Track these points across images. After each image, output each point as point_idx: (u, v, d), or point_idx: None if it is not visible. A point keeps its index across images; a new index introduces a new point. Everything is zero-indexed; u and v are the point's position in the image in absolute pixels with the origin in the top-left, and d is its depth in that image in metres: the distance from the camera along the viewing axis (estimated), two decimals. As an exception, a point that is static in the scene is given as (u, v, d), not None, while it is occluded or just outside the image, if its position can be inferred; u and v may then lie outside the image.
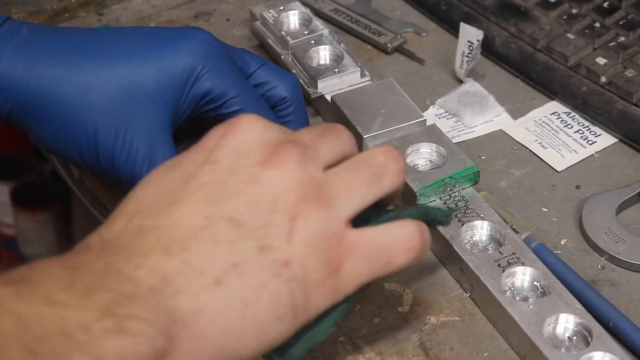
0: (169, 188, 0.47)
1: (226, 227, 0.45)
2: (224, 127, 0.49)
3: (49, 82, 0.59)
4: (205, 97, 0.61)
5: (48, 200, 1.43)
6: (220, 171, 0.47)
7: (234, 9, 0.84)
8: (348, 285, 0.48)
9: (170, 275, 0.44)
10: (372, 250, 0.48)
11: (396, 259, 0.49)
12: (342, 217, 0.48)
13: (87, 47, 0.61)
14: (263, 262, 0.45)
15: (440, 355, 0.57)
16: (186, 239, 0.45)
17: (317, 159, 0.48)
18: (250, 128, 0.49)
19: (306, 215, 0.46)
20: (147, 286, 0.44)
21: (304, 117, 0.66)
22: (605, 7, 0.78)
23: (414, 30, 0.81)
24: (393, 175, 0.50)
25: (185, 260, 0.45)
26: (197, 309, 0.44)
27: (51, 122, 0.60)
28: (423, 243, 0.50)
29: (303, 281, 0.46)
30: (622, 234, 0.63)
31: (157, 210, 0.46)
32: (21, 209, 1.43)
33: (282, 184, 0.47)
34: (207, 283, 0.44)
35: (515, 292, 0.58)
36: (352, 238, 0.48)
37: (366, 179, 0.49)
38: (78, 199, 0.79)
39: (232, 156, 0.47)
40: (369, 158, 0.50)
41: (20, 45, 0.60)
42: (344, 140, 0.52)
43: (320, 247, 0.46)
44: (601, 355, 0.54)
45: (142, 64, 0.60)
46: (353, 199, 0.48)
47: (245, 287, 0.45)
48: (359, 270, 0.48)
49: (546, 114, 0.74)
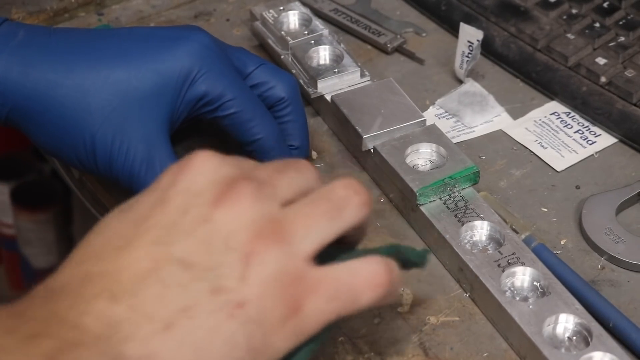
0: (118, 232, 0.45)
1: (176, 269, 0.43)
2: (177, 166, 0.47)
3: (45, 86, 0.59)
4: (201, 100, 0.61)
5: (48, 200, 1.43)
6: (171, 212, 0.45)
7: (234, 9, 0.84)
8: (311, 326, 0.45)
9: (117, 322, 0.42)
10: (335, 287, 0.45)
11: (361, 297, 0.46)
12: (301, 254, 0.45)
13: (84, 50, 0.60)
14: (215, 305, 0.43)
15: (440, 355, 0.57)
16: (133, 284, 0.43)
17: (273, 195, 0.46)
18: (203, 166, 0.46)
19: (261, 253, 0.44)
20: (93, 333, 0.41)
21: (302, 118, 0.66)
22: (605, 7, 0.78)
23: (414, 30, 0.81)
24: (355, 208, 0.47)
25: (132, 305, 0.42)
26: (147, 355, 0.41)
27: (48, 125, 0.60)
28: (390, 280, 0.47)
29: (260, 323, 0.43)
30: (622, 234, 0.63)
31: (105, 256, 0.44)
32: (21, 209, 1.43)
33: (235, 222, 0.44)
34: (156, 328, 0.42)
35: (515, 292, 0.58)
36: (313, 276, 0.45)
37: (326, 213, 0.46)
38: (78, 199, 0.79)
39: (184, 196, 0.45)
40: (329, 192, 0.47)
41: (17, 48, 0.60)
42: (305, 176, 0.49)
43: (277, 286, 0.44)
44: (601, 355, 0.54)
45: (138, 67, 0.60)
46: (312, 235, 0.45)
47: (197, 331, 0.42)
48: (322, 310, 0.45)
49: (546, 114, 0.74)
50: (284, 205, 0.46)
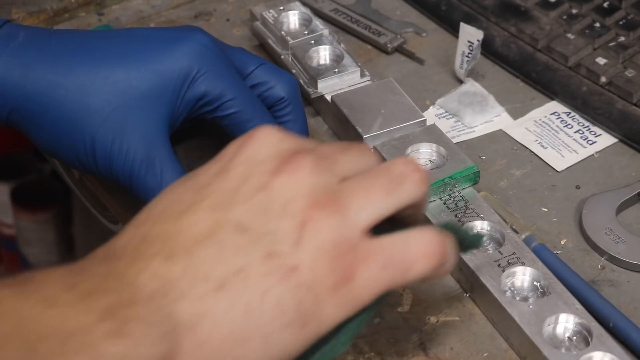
0: (180, 197, 0.47)
1: (233, 232, 0.45)
2: (242, 138, 0.48)
3: (45, 87, 0.59)
4: (201, 100, 0.61)
5: (48, 200, 1.43)
6: (231, 179, 0.46)
7: (234, 9, 0.84)
8: (364, 294, 0.45)
9: (172, 280, 0.43)
10: (388, 256, 0.46)
11: (414, 266, 0.46)
12: (357, 226, 0.46)
13: (83, 51, 0.61)
14: (269, 268, 0.44)
15: (440, 355, 0.57)
16: (191, 244, 0.44)
17: (332, 169, 0.47)
18: (267, 138, 0.48)
19: (316, 221, 0.45)
20: (149, 290, 0.43)
21: (302, 118, 0.66)
22: (605, 7, 0.78)
23: (414, 30, 0.81)
24: (413, 183, 0.48)
25: (188, 264, 0.44)
26: (200, 313, 0.43)
27: (48, 126, 0.60)
28: (444, 251, 0.47)
29: (312, 288, 0.44)
30: (622, 234, 0.63)
31: (164, 218, 0.46)
32: (21, 209, 1.43)
33: (293, 191, 0.45)
34: (210, 288, 0.43)
35: (515, 292, 0.58)
36: (366, 246, 0.46)
37: (383, 187, 0.47)
38: (78, 199, 0.79)
39: (246, 165, 0.47)
40: (388, 168, 0.48)
41: (17, 50, 0.60)
42: (366, 157, 0.50)
43: (330, 254, 0.45)
44: (601, 355, 0.54)
45: (137, 67, 0.60)
46: (369, 208, 0.46)
47: (249, 292, 0.43)
48: (375, 278, 0.45)
49: (546, 114, 0.74)
50: (342, 180, 0.47)
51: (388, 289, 0.46)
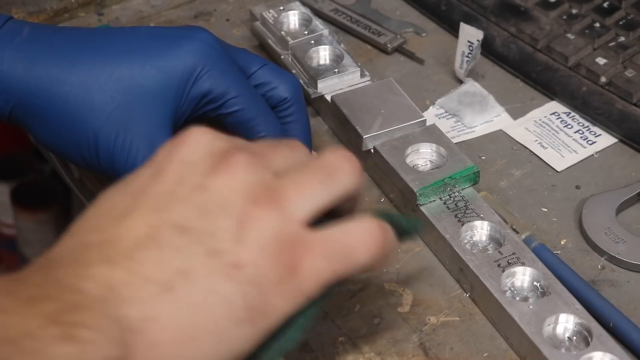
0: (116, 204, 0.46)
1: (173, 234, 0.44)
2: (172, 141, 0.48)
3: (49, 83, 0.59)
4: (205, 98, 0.61)
5: (48, 200, 1.43)
6: (166, 182, 0.46)
7: (234, 9, 0.84)
8: (309, 286, 0.46)
9: (117, 285, 0.43)
10: (331, 247, 0.46)
11: (356, 256, 0.47)
12: (296, 218, 0.46)
13: (88, 47, 0.61)
14: (212, 267, 0.44)
15: (440, 355, 0.57)
16: (131, 249, 0.44)
17: (266, 165, 0.47)
18: (198, 139, 0.48)
19: (256, 217, 0.45)
20: (94, 295, 0.42)
21: (305, 118, 0.66)
22: (605, 7, 0.78)
23: (414, 30, 0.81)
24: (346, 174, 0.48)
25: (130, 269, 0.43)
26: (147, 317, 0.42)
27: (52, 122, 0.60)
28: (384, 238, 0.48)
29: (258, 283, 0.44)
30: (622, 234, 0.63)
31: (103, 226, 0.45)
32: (21, 209, 1.43)
33: (230, 189, 0.45)
34: (154, 291, 0.43)
35: (515, 292, 0.58)
36: (308, 237, 0.46)
37: (318, 180, 0.47)
38: (78, 199, 0.79)
39: (179, 167, 0.46)
40: (321, 161, 0.49)
41: (21, 45, 0.60)
42: (297, 152, 0.50)
43: (273, 248, 0.45)
44: (601, 355, 0.54)
45: (142, 64, 0.60)
46: (306, 200, 0.46)
47: (195, 292, 0.43)
48: (319, 269, 0.46)
49: (546, 114, 0.74)
50: (277, 175, 0.47)
51: (332, 280, 0.47)
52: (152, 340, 0.42)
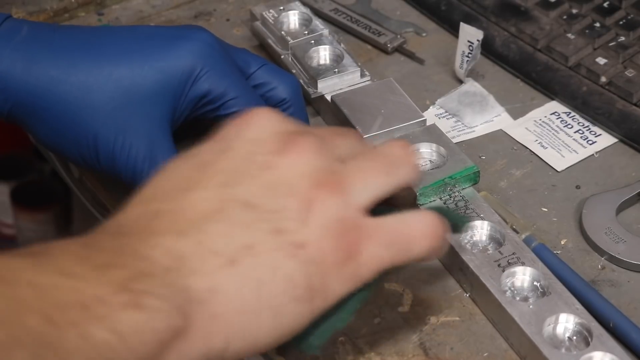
0: (185, 175, 0.47)
1: (241, 210, 0.46)
2: (241, 118, 0.50)
3: (48, 82, 0.59)
4: (204, 98, 0.61)
5: (48, 200, 1.43)
6: (236, 158, 0.47)
7: (234, 9, 0.84)
8: (367, 271, 0.47)
9: (184, 255, 0.44)
10: (391, 235, 0.48)
11: (415, 246, 0.49)
12: (358, 205, 0.48)
13: (87, 47, 0.61)
14: (278, 244, 0.45)
15: (440, 355, 0.57)
16: (200, 221, 0.45)
17: (333, 150, 0.49)
18: (267, 119, 0.49)
19: (322, 200, 0.46)
20: (162, 265, 0.44)
21: (304, 119, 0.66)
22: (605, 7, 0.78)
23: (414, 30, 0.81)
24: (409, 167, 0.50)
25: (199, 241, 0.45)
26: (212, 288, 0.44)
27: (51, 122, 0.60)
28: (441, 232, 0.50)
29: (319, 264, 0.46)
30: (622, 234, 0.63)
31: (172, 195, 0.46)
32: (21, 209, 1.43)
33: (298, 171, 0.47)
34: (221, 263, 0.44)
35: (515, 292, 0.58)
36: (369, 224, 0.48)
37: (382, 168, 0.49)
38: (78, 199, 0.79)
39: (249, 145, 0.48)
40: (386, 149, 0.51)
41: (20, 44, 0.60)
42: (362, 142, 0.52)
43: (336, 231, 0.46)
44: (601, 355, 0.54)
45: (141, 64, 0.60)
46: (369, 188, 0.48)
47: (260, 267, 0.45)
48: (378, 256, 0.48)
49: (546, 114, 0.74)
50: (343, 161, 0.49)
51: (389, 266, 0.48)
52: (214, 312, 0.44)
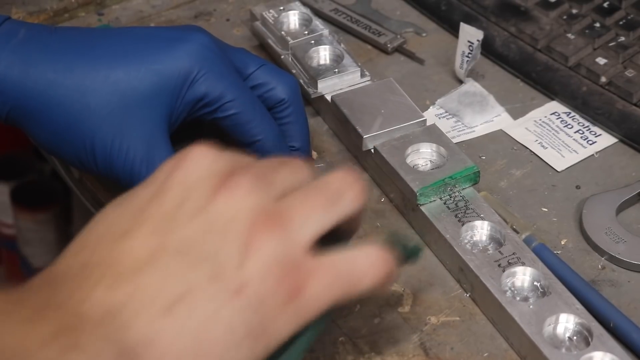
0: (116, 223, 0.46)
1: (175, 256, 0.44)
2: (174, 160, 0.47)
3: (45, 86, 0.59)
4: (201, 101, 0.61)
5: (48, 200, 1.43)
6: (168, 202, 0.45)
7: (234, 9, 0.84)
8: (312, 309, 0.45)
9: (116, 309, 0.42)
10: (335, 273, 0.46)
11: (361, 282, 0.47)
12: (298, 242, 0.45)
13: (84, 49, 0.61)
14: (214, 291, 0.43)
15: (440, 355, 0.57)
16: (133, 271, 0.43)
17: (269, 187, 0.47)
18: (200, 159, 0.47)
19: (259, 241, 0.44)
20: (93, 319, 0.42)
21: (303, 119, 0.66)
22: (605, 7, 0.78)
23: (414, 30, 0.81)
24: (351, 197, 0.48)
25: (131, 292, 0.43)
26: (147, 341, 0.42)
27: (48, 125, 0.60)
28: (389, 266, 0.48)
29: (259, 308, 0.44)
30: (622, 234, 0.63)
31: (103, 246, 0.45)
32: (21, 209, 1.43)
33: (232, 212, 0.45)
34: (155, 314, 0.42)
35: (516, 292, 0.58)
36: (312, 262, 0.46)
37: (322, 202, 0.47)
38: (78, 199, 0.79)
39: (181, 187, 0.46)
40: (325, 182, 0.48)
41: (18, 47, 0.60)
42: (299, 174, 0.49)
43: (276, 271, 0.44)
44: (601, 355, 0.54)
45: (138, 67, 0.60)
46: (309, 224, 0.46)
47: (197, 316, 0.43)
48: (323, 294, 0.46)
49: (546, 114, 0.74)
50: (281, 198, 0.47)
51: (334, 304, 0.46)
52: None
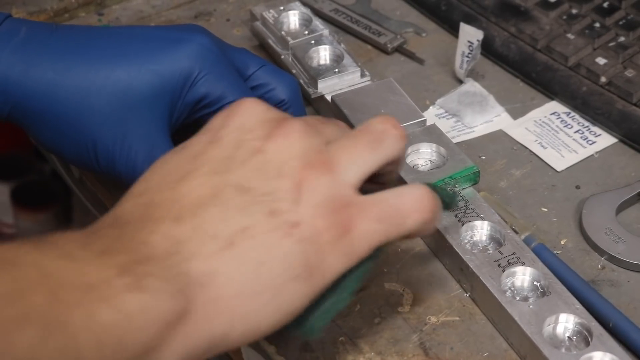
0: (176, 167, 0.49)
1: (234, 194, 0.47)
2: (227, 109, 0.51)
3: (46, 86, 0.59)
4: (201, 102, 0.61)
5: (48, 200, 1.43)
6: (225, 146, 0.49)
7: (234, 9, 0.84)
8: (362, 246, 0.48)
9: (182, 240, 0.45)
10: (383, 209, 0.49)
11: (408, 219, 0.50)
12: (347, 182, 0.49)
13: (84, 49, 0.61)
14: (273, 224, 0.46)
15: (440, 355, 0.57)
16: (195, 207, 0.46)
17: (318, 134, 0.50)
18: (253, 108, 0.50)
19: (312, 180, 0.48)
20: (161, 250, 0.45)
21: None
22: (605, 7, 0.78)
23: (414, 30, 0.81)
24: (393, 139, 0.51)
25: (196, 225, 0.46)
26: (211, 271, 0.45)
27: (49, 125, 0.60)
28: (434, 205, 0.51)
29: (315, 241, 0.47)
30: (622, 234, 0.63)
31: (165, 186, 0.47)
32: (21, 209, 1.43)
33: (286, 153, 0.48)
34: (218, 246, 0.45)
35: (515, 292, 0.58)
36: (361, 200, 0.49)
37: (367, 145, 0.50)
38: (78, 199, 0.79)
39: (236, 133, 0.49)
40: (368, 126, 0.51)
41: (18, 47, 0.60)
42: (346, 128, 0.54)
43: (328, 208, 0.47)
44: (601, 355, 0.54)
45: (138, 67, 0.60)
46: (356, 165, 0.49)
47: (257, 248, 0.46)
48: (372, 230, 0.49)
49: (546, 114, 0.74)
50: (328, 142, 0.50)
51: (384, 241, 0.49)
52: (214, 295, 0.45)
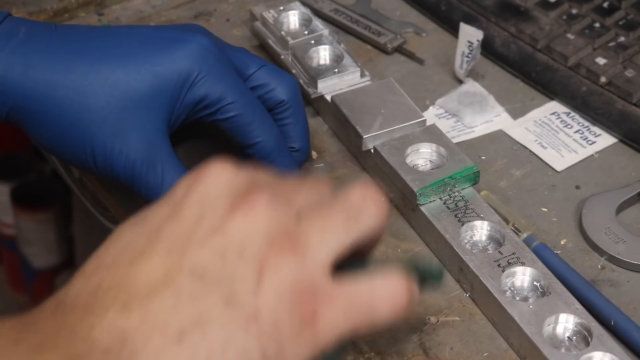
0: (131, 243, 0.44)
1: (188, 281, 0.42)
2: (190, 177, 0.46)
3: (45, 86, 0.59)
4: (200, 103, 0.61)
5: (48, 200, 1.43)
6: (184, 222, 0.44)
7: (234, 9, 0.84)
8: (327, 338, 0.43)
9: (127, 334, 0.41)
10: (352, 301, 0.44)
11: (378, 313, 0.45)
12: (316, 265, 0.43)
13: (84, 50, 0.60)
14: (228, 316, 0.42)
15: (440, 355, 0.57)
16: (146, 293, 0.42)
17: (287, 205, 0.45)
18: (217, 176, 0.45)
19: (275, 264, 0.42)
20: (102, 347, 0.40)
21: (303, 120, 0.66)
22: (605, 7, 0.78)
23: (414, 30, 0.81)
24: (371, 216, 0.46)
25: (144, 316, 0.41)
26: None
27: (48, 125, 0.60)
28: (409, 296, 0.46)
29: (274, 335, 0.42)
30: (622, 234, 0.63)
31: (117, 267, 0.43)
32: (21, 209, 1.43)
33: (249, 233, 0.43)
34: (167, 341, 0.41)
35: (515, 292, 0.58)
36: (329, 287, 0.43)
37: (342, 221, 0.45)
38: (78, 199, 0.79)
39: (197, 207, 0.44)
40: (346, 198, 0.46)
41: (17, 47, 0.60)
42: (322, 191, 0.47)
43: (292, 297, 0.42)
44: (601, 355, 0.54)
45: (137, 68, 0.59)
46: (328, 245, 0.44)
47: (210, 343, 0.41)
48: (339, 322, 0.43)
49: (546, 114, 0.74)
50: (299, 217, 0.45)
51: (351, 333, 0.44)
52: None
